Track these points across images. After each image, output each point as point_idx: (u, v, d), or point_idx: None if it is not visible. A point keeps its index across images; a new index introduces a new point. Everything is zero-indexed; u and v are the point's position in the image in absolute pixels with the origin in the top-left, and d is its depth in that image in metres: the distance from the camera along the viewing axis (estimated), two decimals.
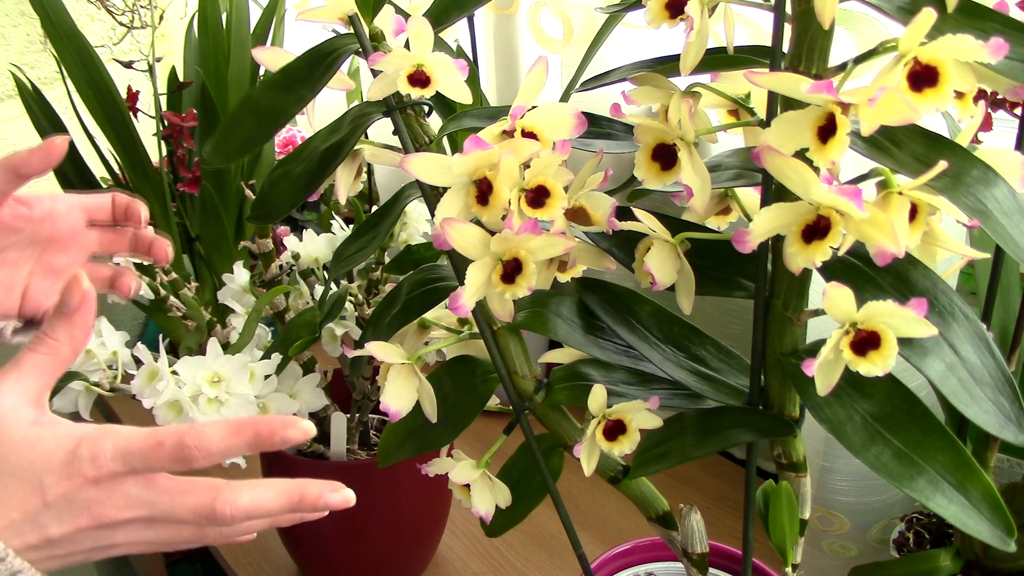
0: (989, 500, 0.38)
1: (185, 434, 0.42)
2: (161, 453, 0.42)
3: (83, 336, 0.46)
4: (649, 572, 0.62)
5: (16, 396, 0.43)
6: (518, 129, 0.45)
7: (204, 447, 0.42)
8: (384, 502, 0.79)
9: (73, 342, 0.46)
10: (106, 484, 0.42)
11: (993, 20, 0.36)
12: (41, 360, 0.45)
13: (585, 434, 0.47)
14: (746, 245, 0.38)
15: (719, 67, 0.46)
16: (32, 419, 0.43)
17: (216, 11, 1.09)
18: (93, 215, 0.62)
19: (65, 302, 0.46)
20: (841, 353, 0.37)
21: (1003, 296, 0.63)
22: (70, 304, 0.46)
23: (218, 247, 1.10)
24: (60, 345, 0.46)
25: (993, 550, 0.59)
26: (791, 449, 0.48)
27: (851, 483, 0.74)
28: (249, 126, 0.50)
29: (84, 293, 0.46)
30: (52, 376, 0.45)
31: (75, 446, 0.42)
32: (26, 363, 0.45)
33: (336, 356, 0.78)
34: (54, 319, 0.46)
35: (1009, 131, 0.57)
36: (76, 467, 0.42)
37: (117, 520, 0.42)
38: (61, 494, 0.42)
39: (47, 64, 1.37)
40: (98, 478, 0.42)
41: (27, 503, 0.41)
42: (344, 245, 0.57)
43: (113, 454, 0.42)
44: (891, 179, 0.38)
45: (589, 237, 0.49)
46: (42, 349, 0.45)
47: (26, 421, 0.43)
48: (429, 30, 0.45)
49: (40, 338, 0.46)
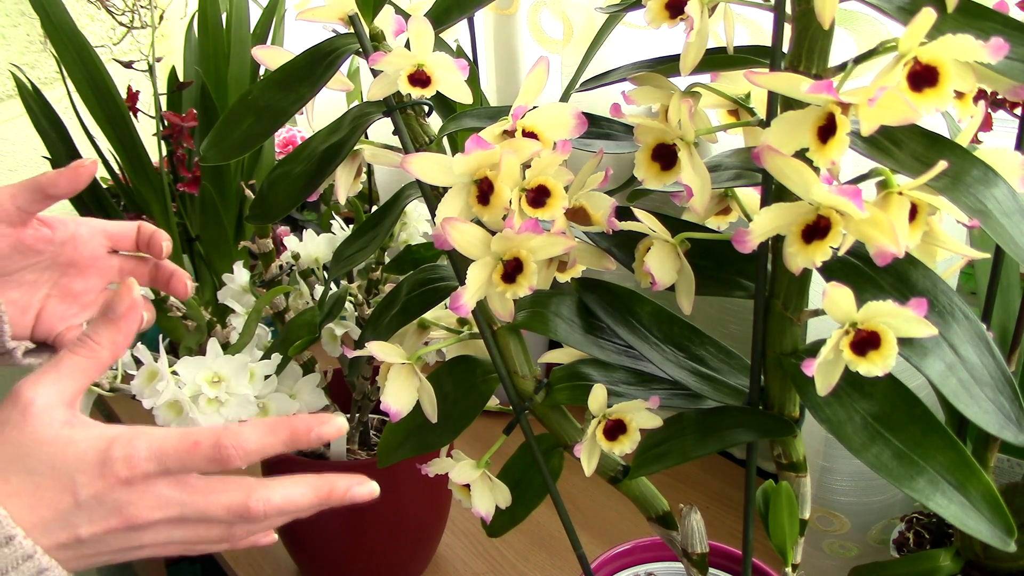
0: (989, 500, 0.38)
1: (222, 434, 0.42)
2: (197, 454, 0.42)
3: (124, 343, 0.47)
4: (649, 572, 0.62)
5: (52, 396, 0.43)
6: (519, 129, 0.45)
7: (241, 447, 0.42)
8: (384, 502, 0.79)
9: (114, 347, 0.46)
10: (139, 485, 0.42)
11: (993, 20, 0.36)
12: (81, 362, 0.45)
13: (585, 434, 0.47)
14: (746, 245, 0.38)
15: (719, 67, 0.46)
16: (64, 419, 0.43)
17: (216, 11, 1.09)
18: (116, 242, 0.62)
19: (113, 307, 0.47)
20: (841, 353, 0.37)
21: (1003, 296, 0.63)
22: (117, 310, 0.46)
23: (218, 247, 1.10)
24: (101, 349, 0.46)
25: (993, 550, 0.59)
26: (791, 449, 0.48)
27: (851, 483, 0.73)
28: (248, 123, 0.50)
29: (133, 301, 0.47)
30: (89, 379, 0.45)
31: (108, 446, 0.42)
32: (65, 364, 0.45)
33: (336, 356, 0.78)
34: (99, 322, 0.46)
35: (1009, 131, 0.57)
36: (109, 467, 0.42)
37: (148, 520, 0.42)
38: (93, 494, 0.42)
39: (47, 64, 1.37)
40: (131, 479, 0.42)
41: (58, 502, 0.41)
42: (344, 245, 0.57)
43: (148, 455, 0.42)
44: (891, 179, 0.38)
45: (589, 237, 0.49)
46: (83, 351, 0.45)
47: (59, 421, 0.43)
48: (430, 30, 0.45)
49: (83, 340, 0.46)
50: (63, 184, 0.55)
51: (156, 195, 1.11)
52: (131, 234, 0.62)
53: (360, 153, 0.53)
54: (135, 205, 1.14)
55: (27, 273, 0.59)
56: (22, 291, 0.59)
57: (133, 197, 1.14)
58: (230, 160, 0.51)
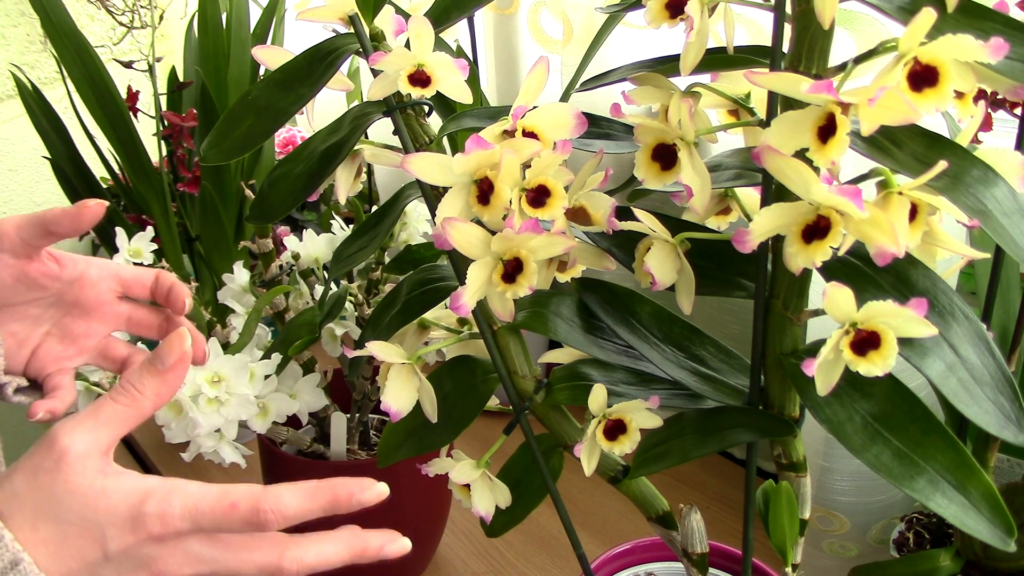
0: (989, 500, 0.38)
1: (261, 498, 0.41)
2: (234, 516, 0.41)
3: (168, 395, 0.45)
4: (649, 572, 0.62)
5: (89, 444, 0.42)
6: (519, 129, 0.45)
7: (280, 511, 0.41)
8: (384, 502, 0.79)
9: (157, 399, 0.45)
10: (170, 541, 0.41)
11: (993, 20, 0.36)
12: (121, 411, 0.44)
13: (585, 434, 0.47)
14: (746, 245, 0.38)
15: (719, 67, 0.46)
16: (98, 468, 0.42)
17: (216, 11, 1.09)
18: (129, 288, 0.60)
19: (162, 357, 0.45)
20: (841, 353, 0.37)
21: (1003, 296, 0.63)
22: (166, 360, 0.45)
23: (218, 247, 1.10)
24: (144, 399, 0.44)
25: (993, 550, 0.59)
26: (791, 449, 0.48)
27: (851, 483, 0.74)
28: (248, 123, 0.50)
29: (183, 353, 0.45)
30: (127, 428, 0.44)
31: (141, 501, 0.41)
32: (105, 412, 0.43)
33: (336, 356, 0.78)
34: (145, 371, 0.45)
35: (1009, 131, 0.57)
36: (141, 522, 0.41)
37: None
38: (123, 548, 0.41)
39: (47, 64, 1.37)
40: (163, 535, 0.41)
41: (87, 554, 0.41)
42: (344, 245, 0.57)
43: (182, 512, 0.41)
44: (891, 179, 0.38)
45: (589, 237, 0.49)
46: (124, 400, 0.44)
47: (93, 470, 0.42)
48: (430, 30, 0.45)
49: (125, 388, 0.44)
50: (66, 224, 0.54)
51: (156, 195, 1.11)
52: (146, 282, 0.60)
53: (360, 153, 0.53)
54: (135, 205, 1.14)
55: (32, 307, 0.57)
56: (23, 324, 0.57)
57: (133, 197, 1.14)
58: (230, 160, 0.51)
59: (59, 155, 1.11)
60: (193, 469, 1.06)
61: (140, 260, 0.79)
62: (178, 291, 0.59)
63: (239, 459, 0.71)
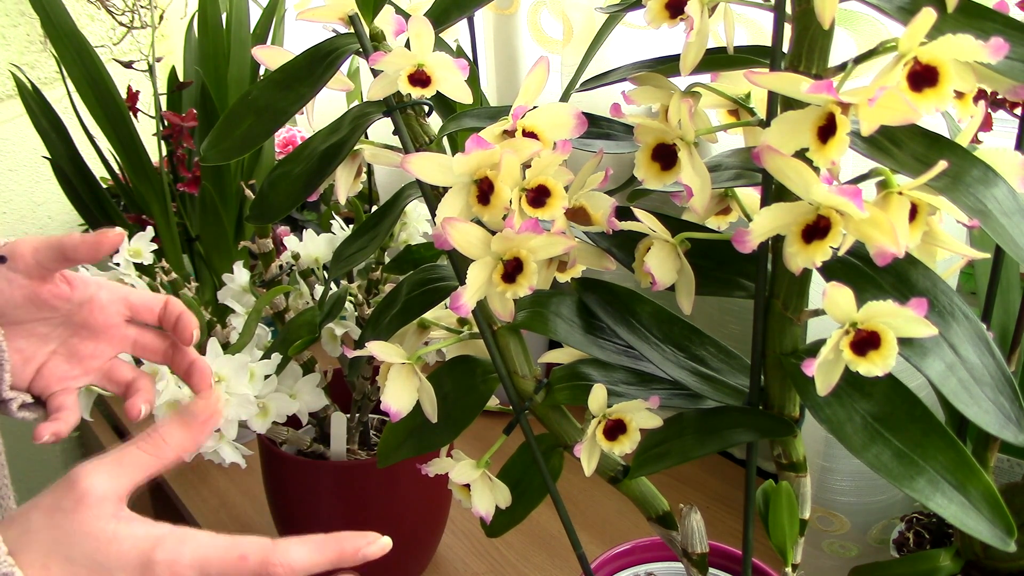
0: (989, 500, 0.38)
1: (270, 552, 0.42)
2: (243, 568, 0.41)
3: (191, 448, 0.46)
4: (649, 572, 0.62)
5: (108, 488, 0.43)
6: (519, 129, 0.45)
7: (289, 565, 0.42)
8: (384, 502, 0.79)
9: (181, 450, 0.45)
10: None
11: (993, 20, 0.36)
12: (143, 459, 0.44)
13: (585, 434, 0.47)
14: (746, 245, 0.38)
15: (719, 67, 0.46)
16: (112, 512, 0.42)
17: (216, 11, 1.09)
18: (137, 313, 0.60)
19: (193, 412, 0.46)
20: (841, 353, 0.37)
21: (1003, 296, 0.63)
22: (198, 416, 0.46)
23: (218, 247, 1.10)
24: (167, 449, 0.45)
25: (993, 550, 0.59)
26: (791, 449, 0.48)
27: (851, 483, 0.74)
28: (248, 123, 0.50)
29: (215, 411, 0.46)
30: (146, 476, 0.45)
31: (151, 548, 0.41)
32: (128, 457, 0.44)
33: (336, 356, 0.78)
34: (174, 422, 0.46)
35: (1009, 131, 0.57)
36: (150, 569, 0.41)
37: None
38: None
39: (47, 64, 1.37)
40: None
41: None
42: (344, 245, 0.57)
43: (191, 562, 0.41)
44: (891, 179, 0.38)
45: (589, 237, 0.49)
46: (148, 448, 0.45)
47: (107, 514, 0.42)
48: (430, 30, 0.45)
49: (152, 435, 0.45)
50: (84, 251, 0.54)
51: (156, 195, 1.11)
52: (154, 308, 0.60)
53: (360, 153, 0.53)
54: (135, 205, 1.14)
55: (40, 325, 0.57)
56: (30, 342, 0.57)
57: (133, 197, 1.14)
58: (230, 160, 0.51)
59: (59, 155, 1.11)
60: (193, 469, 1.06)
61: (140, 260, 0.79)
62: (186, 321, 0.59)
63: (239, 459, 0.71)
